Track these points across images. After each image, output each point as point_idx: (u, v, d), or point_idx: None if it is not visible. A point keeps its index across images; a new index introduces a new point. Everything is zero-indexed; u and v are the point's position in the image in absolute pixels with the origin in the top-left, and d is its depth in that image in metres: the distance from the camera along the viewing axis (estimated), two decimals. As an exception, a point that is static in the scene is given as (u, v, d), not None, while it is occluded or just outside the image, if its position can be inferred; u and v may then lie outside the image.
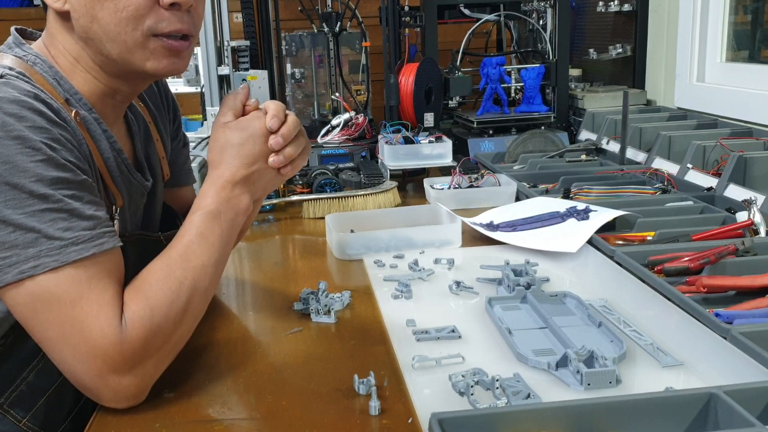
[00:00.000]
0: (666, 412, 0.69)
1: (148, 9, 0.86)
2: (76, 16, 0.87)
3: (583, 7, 2.58)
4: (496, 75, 2.15)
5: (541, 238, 1.29)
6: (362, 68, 2.43)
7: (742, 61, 2.01)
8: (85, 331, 0.77)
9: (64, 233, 0.77)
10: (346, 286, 1.16)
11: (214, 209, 0.89)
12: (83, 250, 0.78)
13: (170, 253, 0.86)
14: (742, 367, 0.79)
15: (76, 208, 0.78)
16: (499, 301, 1.06)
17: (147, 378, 0.82)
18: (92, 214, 0.80)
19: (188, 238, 0.87)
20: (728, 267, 1.04)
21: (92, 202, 0.81)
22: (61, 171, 0.78)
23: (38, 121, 0.78)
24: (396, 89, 2.04)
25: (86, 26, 0.87)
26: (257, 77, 2.15)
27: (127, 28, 0.86)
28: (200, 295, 0.86)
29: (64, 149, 0.80)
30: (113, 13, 0.85)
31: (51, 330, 0.78)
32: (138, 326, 0.79)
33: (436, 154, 1.83)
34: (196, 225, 0.88)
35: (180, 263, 0.85)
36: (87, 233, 0.78)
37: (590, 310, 0.99)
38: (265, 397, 0.85)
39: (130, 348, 0.79)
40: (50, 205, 0.76)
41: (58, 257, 0.76)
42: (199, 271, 0.86)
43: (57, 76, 0.89)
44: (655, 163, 1.69)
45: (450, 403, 0.80)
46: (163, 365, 0.84)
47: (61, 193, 0.77)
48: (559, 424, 0.68)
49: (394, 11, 2.06)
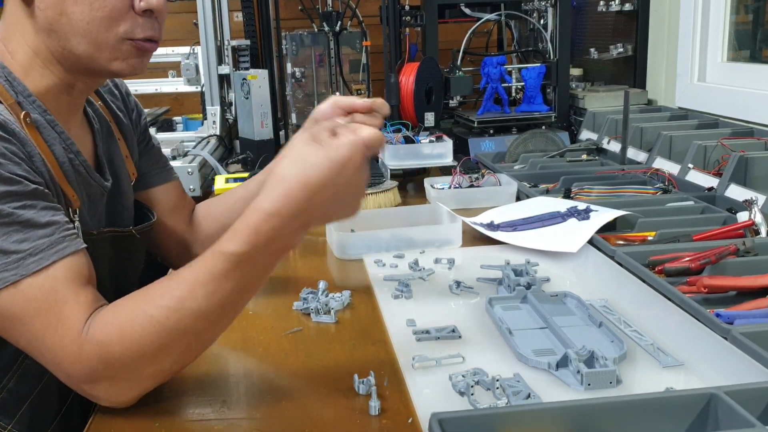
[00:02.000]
0: (666, 412, 0.69)
1: (124, 13, 0.86)
2: (42, 7, 0.85)
3: (583, 7, 2.58)
4: (496, 74, 2.15)
5: (542, 238, 1.29)
6: (363, 68, 2.43)
7: (744, 61, 2.01)
8: (47, 343, 0.76)
9: (20, 245, 0.75)
10: (346, 286, 1.15)
11: (241, 252, 0.75)
12: (42, 260, 0.76)
13: (170, 285, 0.77)
14: (743, 367, 0.78)
15: (29, 218, 0.77)
16: (500, 301, 1.06)
17: (122, 393, 0.79)
18: (48, 220, 0.78)
19: (194, 277, 0.76)
20: (729, 267, 1.04)
21: (48, 208, 0.79)
22: (6, 185, 0.76)
23: None
24: (396, 89, 2.04)
25: (52, 18, 0.86)
26: (257, 76, 2.15)
27: (100, 28, 0.86)
28: (190, 338, 0.77)
29: (11, 163, 0.78)
30: (86, 11, 0.85)
31: (22, 341, 0.78)
32: (96, 346, 0.75)
33: (436, 153, 1.82)
34: (210, 264, 0.76)
35: (173, 302, 0.75)
36: (45, 241, 0.77)
37: (591, 310, 0.99)
38: (265, 397, 0.85)
39: (88, 364, 0.76)
40: (1, 220, 0.75)
41: (17, 270, 0.75)
42: (192, 317, 0.76)
43: (9, 76, 0.87)
44: (656, 163, 1.69)
45: (450, 403, 0.80)
46: (140, 387, 0.79)
47: (10, 207, 0.76)
48: (559, 424, 0.68)
49: (395, 10, 2.06)
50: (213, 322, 0.78)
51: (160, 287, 0.78)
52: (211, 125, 2.52)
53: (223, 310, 0.78)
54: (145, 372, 0.78)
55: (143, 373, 0.78)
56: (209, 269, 0.75)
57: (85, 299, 0.78)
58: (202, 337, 0.79)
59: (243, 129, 2.23)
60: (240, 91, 2.19)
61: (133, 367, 0.77)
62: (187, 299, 0.75)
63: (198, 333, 0.78)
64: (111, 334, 0.76)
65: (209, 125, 2.52)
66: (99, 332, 0.76)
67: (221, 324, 0.80)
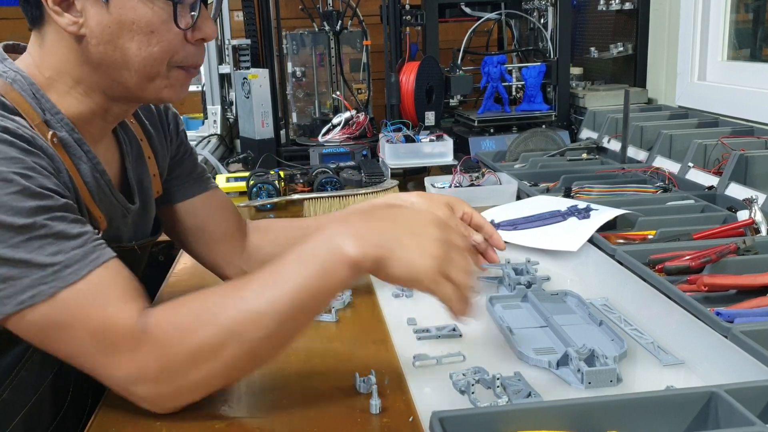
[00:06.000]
0: (667, 410, 0.69)
1: (178, 45, 0.86)
2: (94, 42, 0.84)
3: (584, 6, 2.58)
4: (497, 73, 2.15)
5: (542, 236, 1.29)
6: (363, 67, 2.43)
7: (744, 60, 2.01)
8: (94, 347, 0.76)
9: (54, 257, 0.75)
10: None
11: (309, 286, 0.77)
12: (79, 270, 0.75)
13: (244, 291, 0.78)
14: (743, 365, 0.79)
15: (61, 230, 0.76)
16: (500, 300, 1.06)
17: (166, 396, 0.78)
18: (79, 231, 0.77)
19: (271, 298, 0.77)
20: (729, 266, 1.04)
21: (77, 221, 0.79)
22: (38, 200, 0.75)
23: (9, 151, 0.75)
24: (397, 88, 2.04)
25: (104, 53, 0.84)
26: (258, 76, 2.15)
27: (155, 62, 0.86)
28: (240, 346, 0.76)
29: (41, 176, 0.77)
30: (143, 47, 0.84)
31: (63, 350, 0.78)
32: (153, 344, 0.75)
33: (437, 152, 1.83)
34: (290, 294, 0.76)
35: (242, 306, 0.76)
36: (78, 252, 0.76)
37: (591, 308, 0.99)
38: (266, 396, 0.85)
39: (142, 363, 0.75)
40: (34, 233, 0.74)
41: (54, 283, 0.74)
42: (250, 319, 0.76)
43: (38, 94, 0.85)
44: (656, 161, 1.69)
45: (451, 401, 0.80)
46: (184, 393, 0.78)
47: (42, 219, 0.75)
48: (560, 422, 0.68)
49: (395, 10, 2.06)
50: (276, 340, 0.78)
51: (231, 290, 0.79)
52: (211, 124, 2.53)
53: (281, 321, 0.77)
54: (195, 375, 0.77)
55: (193, 376, 0.77)
56: (288, 298, 0.76)
57: (131, 299, 0.78)
58: (252, 347, 0.77)
59: (244, 128, 2.24)
60: (241, 90, 2.20)
61: (185, 368, 0.76)
62: (260, 311, 0.76)
63: (251, 341, 0.76)
64: (170, 331, 0.76)
65: (210, 124, 2.53)
66: (157, 329, 0.76)
67: (277, 339, 0.79)
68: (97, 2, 0.82)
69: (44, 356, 0.88)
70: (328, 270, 0.76)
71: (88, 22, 0.83)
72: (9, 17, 3.13)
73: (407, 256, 0.77)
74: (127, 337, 0.75)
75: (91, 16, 0.83)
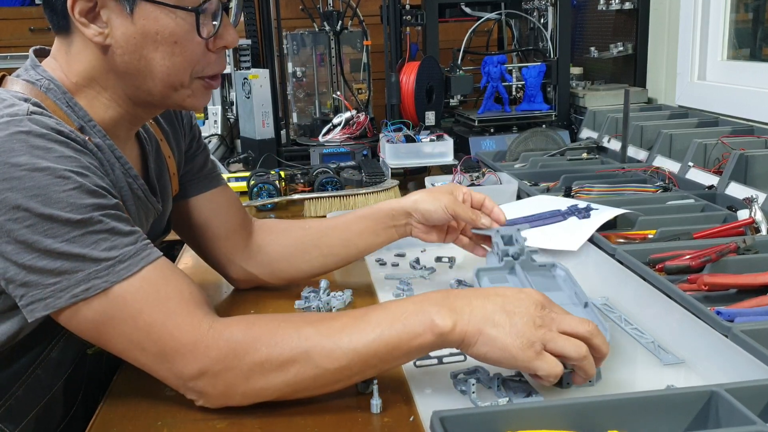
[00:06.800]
0: (667, 410, 0.69)
1: (200, 54, 0.87)
2: (119, 52, 0.85)
3: (584, 6, 2.58)
4: (497, 73, 2.15)
5: (543, 236, 1.29)
6: (363, 67, 2.43)
7: (743, 60, 2.01)
8: (153, 338, 0.78)
9: (109, 253, 0.76)
10: (347, 285, 1.16)
11: (390, 338, 0.79)
12: (131, 266, 0.77)
13: (333, 321, 0.81)
14: (744, 365, 0.79)
15: (115, 226, 0.78)
16: (488, 272, 1.04)
17: (220, 395, 0.80)
18: (131, 229, 0.80)
19: (350, 318, 0.81)
20: (729, 265, 1.04)
21: (127, 220, 0.81)
22: (93, 197, 0.77)
23: (65, 151, 0.78)
24: (397, 88, 2.04)
25: (130, 63, 0.86)
26: (258, 76, 2.15)
27: (179, 71, 0.87)
28: (308, 368, 0.78)
29: (95, 176, 0.79)
30: (167, 57, 0.85)
31: (119, 344, 0.79)
32: (223, 340, 0.78)
33: (437, 152, 1.83)
34: (377, 342, 0.79)
35: (312, 331, 0.79)
36: (131, 248, 0.78)
37: (577, 287, 0.97)
38: (267, 396, 0.85)
39: (206, 358, 0.77)
40: (89, 228, 0.76)
41: (107, 278, 0.76)
42: (327, 348, 0.78)
43: (71, 102, 0.87)
44: (656, 161, 1.69)
45: (451, 401, 0.80)
46: (240, 393, 0.80)
47: (97, 216, 0.77)
48: (560, 422, 0.68)
49: (395, 10, 2.06)
50: (337, 360, 0.79)
51: (317, 319, 0.82)
52: (212, 124, 2.53)
53: (353, 359, 0.79)
54: (256, 383, 0.79)
55: (254, 384, 0.79)
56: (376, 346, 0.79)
57: (195, 302, 0.80)
58: (316, 373, 0.79)
59: (244, 128, 2.24)
60: (241, 90, 2.20)
61: (250, 374, 0.78)
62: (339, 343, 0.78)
63: (316, 367, 0.78)
64: (242, 338, 0.78)
65: (210, 125, 2.53)
66: (228, 334, 0.78)
67: (344, 382, 0.81)
68: (121, 13, 0.83)
69: (60, 358, 0.90)
70: (412, 331, 0.78)
71: (114, 32, 0.84)
72: (9, 17, 3.12)
73: (497, 335, 0.77)
74: (192, 339, 0.77)
75: (116, 27, 0.84)
